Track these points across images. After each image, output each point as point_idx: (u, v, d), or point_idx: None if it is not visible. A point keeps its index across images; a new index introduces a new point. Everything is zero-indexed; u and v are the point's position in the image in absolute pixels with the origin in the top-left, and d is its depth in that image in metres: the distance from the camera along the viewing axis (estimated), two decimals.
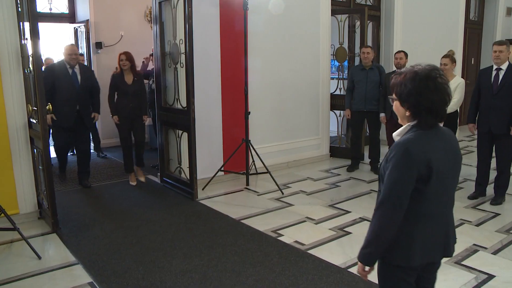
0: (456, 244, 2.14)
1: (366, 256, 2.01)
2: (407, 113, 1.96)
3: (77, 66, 5.80)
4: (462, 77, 7.20)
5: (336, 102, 7.71)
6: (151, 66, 7.47)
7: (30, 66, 4.43)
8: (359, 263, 2.05)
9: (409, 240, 1.96)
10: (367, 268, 2.04)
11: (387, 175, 1.91)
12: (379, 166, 6.51)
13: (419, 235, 1.96)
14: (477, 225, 4.71)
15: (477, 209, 5.21)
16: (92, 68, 8.34)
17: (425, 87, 1.89)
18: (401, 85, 1.96)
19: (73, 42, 8.87)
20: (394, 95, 2.02)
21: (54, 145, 6.35)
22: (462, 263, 3.83)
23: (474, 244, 4.19)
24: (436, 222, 1.98)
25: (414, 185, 1.88)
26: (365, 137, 7.56)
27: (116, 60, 6.10)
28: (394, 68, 6.27)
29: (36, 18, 4.26)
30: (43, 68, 6.77)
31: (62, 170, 6.48)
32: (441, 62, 5.67)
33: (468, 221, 4.81)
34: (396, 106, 2.02)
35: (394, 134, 2.05)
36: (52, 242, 4.38)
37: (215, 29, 6.01)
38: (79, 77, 5.80)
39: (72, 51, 5.74)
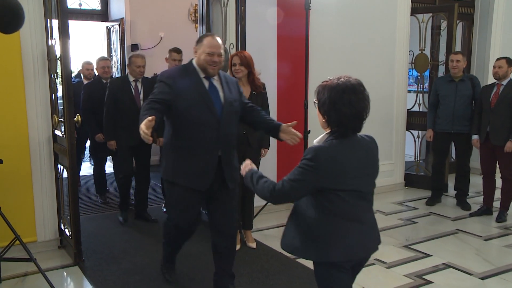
0: None
1: (248, 177, 2.69)
2: (323, 120, 2.47)
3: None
4: None
5: (413, 120, 7.57)
6: None
7: (58, 70, 4.55)
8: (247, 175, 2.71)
9: (327, 238, 2.43)
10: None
11: (293, 169, 2.43)
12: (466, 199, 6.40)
13: (337, 233, 2.43)
14: None
15: None
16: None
17: (339, 99, 2.38)
18: (321, 92, 2.47)
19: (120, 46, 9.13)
20: (316, 101, 2.52)
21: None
22: None
23: None
24: (352, 223, 2.44)
25: (311, 189, 2.40)
26: (450, 164, 7.34)
27: (155, 66, 6.17)
28: (493, 80, 6.05)
29: (66, 14, 4.38)
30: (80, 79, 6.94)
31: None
32: None
33: None
34: (317, 111, 2.52)
35: (314, 141, 2.55)
36: (74, 276, 4.43)
37: (271, 32, 6.03)
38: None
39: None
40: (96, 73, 6.81)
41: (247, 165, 2.78)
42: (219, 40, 3.62)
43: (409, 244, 5.22)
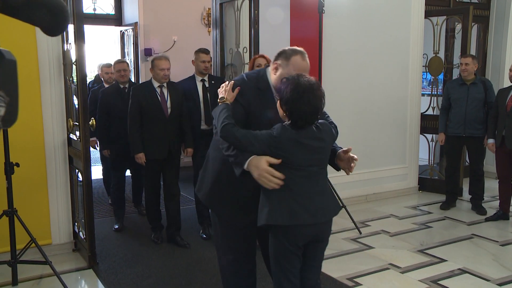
0: None
1: (219, 109, 2.89)
2: (284, 114, 2.78)
3: None
4: None
5: (427, 124, 7.54)
6: None
7: (74, 74, 4.60)
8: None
9: (276, 204, 2.75)
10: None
11: (264, 130, 2.78)
12: (481, 204, 6.35)
13: (284, 200, 2.74)
14: None
15: None
16: (140, 80, 8.58)
17: (300, 99, 2.67)
18: (283, 91, 2.73)
19: (120, 48, 9.19)
20: (278, 95, 2.82)
21: None
22: None
23: None
24: (300, 195, 2.77)
25: (263, 150, 2.74)
26: (465, 167, 7.31)
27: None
28: (509, 83, 6.00)
29: (81, 19, 4.44)
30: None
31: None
32: None
33: None
34: (278, 105, 2.81)
35: None
36: (88, 279, 4.46)
37: (284, 35, 6.05)
38: None
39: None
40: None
41: (229, 90, 2.96)
42: (308, 61, 3.01)
43: (423, 249, 5.19)
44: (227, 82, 3.01)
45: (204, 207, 5.44)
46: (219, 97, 2.97)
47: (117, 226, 5.78)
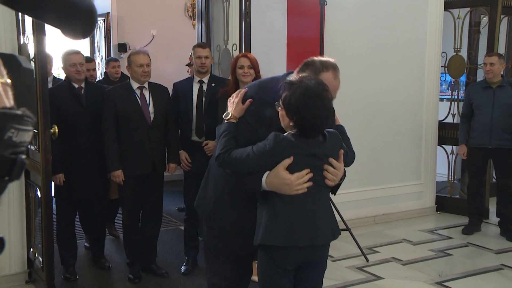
0: None
1: (223, 127, 2.90)
2: (291, 123, 2.73)
3: None
4: None
5: (446, 134, 7.54)
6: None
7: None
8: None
9: (270, 223, 2.75)
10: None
11: (255, 145, 2.76)
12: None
13: (279, 220, 2.75)
14: None
15: None
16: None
17: (313, 104, 2.63)
18: (289, 96, 2.66)
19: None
20: (282, 104, 2.71)
21: None
22: None
23: None
24: (294, 211, 2.78)
25: (261, 167, 2.76)
26: (491, 184, 7.28)
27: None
28: None
29: None
30: None
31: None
32: None
33: None
34: (282, 114, 2.75)
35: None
36: None
37: (280, 30, 6.04)
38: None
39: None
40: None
41: (238, 102, 2.91)
42: (340, 79, 2.98)
43: (442, 281, 5.14)
44: (237, 92, 2.94)
45: (191, 238, 5.32)
46: (225, 112, 2.91)
47: (68, 276, 5.03)
